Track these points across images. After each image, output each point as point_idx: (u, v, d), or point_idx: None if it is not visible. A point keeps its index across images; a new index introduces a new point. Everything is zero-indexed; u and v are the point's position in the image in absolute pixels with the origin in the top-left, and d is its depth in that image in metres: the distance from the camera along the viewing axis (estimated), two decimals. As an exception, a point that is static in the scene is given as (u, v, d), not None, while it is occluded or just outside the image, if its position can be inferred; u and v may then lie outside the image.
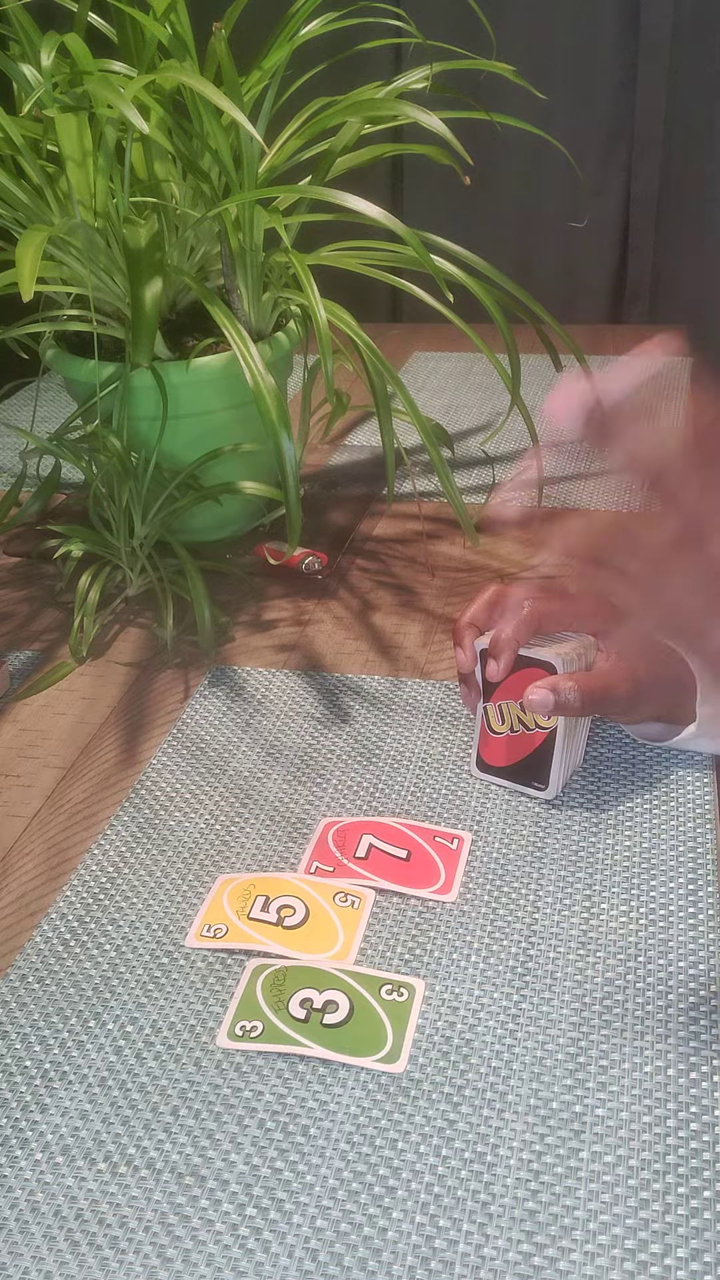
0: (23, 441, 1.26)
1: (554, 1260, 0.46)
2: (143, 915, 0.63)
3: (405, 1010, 0.56)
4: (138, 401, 0.89)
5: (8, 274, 0.77)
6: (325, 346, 0.81)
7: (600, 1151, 0.50)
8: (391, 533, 1.04)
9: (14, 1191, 0.49)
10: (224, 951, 0.61)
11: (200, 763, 0.75)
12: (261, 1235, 0.47)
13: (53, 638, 0.90)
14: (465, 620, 0.71)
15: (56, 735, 0.79)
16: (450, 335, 1.50)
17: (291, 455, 0.80)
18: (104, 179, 0.85)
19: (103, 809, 0.71)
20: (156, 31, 0.83)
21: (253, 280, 0.90)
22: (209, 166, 0.88)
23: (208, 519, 0.97)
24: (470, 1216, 0.48)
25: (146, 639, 0.89)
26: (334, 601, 0.93)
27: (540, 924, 0.61)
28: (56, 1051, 0.56)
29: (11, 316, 0.91)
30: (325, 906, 0.63)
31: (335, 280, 0.90)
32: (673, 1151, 0.49)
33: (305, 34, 0.91)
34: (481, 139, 1.10)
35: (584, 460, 1.16)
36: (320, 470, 1.16)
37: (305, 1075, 0.54)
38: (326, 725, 0.78)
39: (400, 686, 0.82)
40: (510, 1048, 0.55)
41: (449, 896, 0.63)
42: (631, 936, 0.60)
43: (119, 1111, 0.53)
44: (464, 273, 0.90)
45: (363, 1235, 0.47)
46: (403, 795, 0.71)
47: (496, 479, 1.11)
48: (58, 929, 0.62)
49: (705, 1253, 0.46)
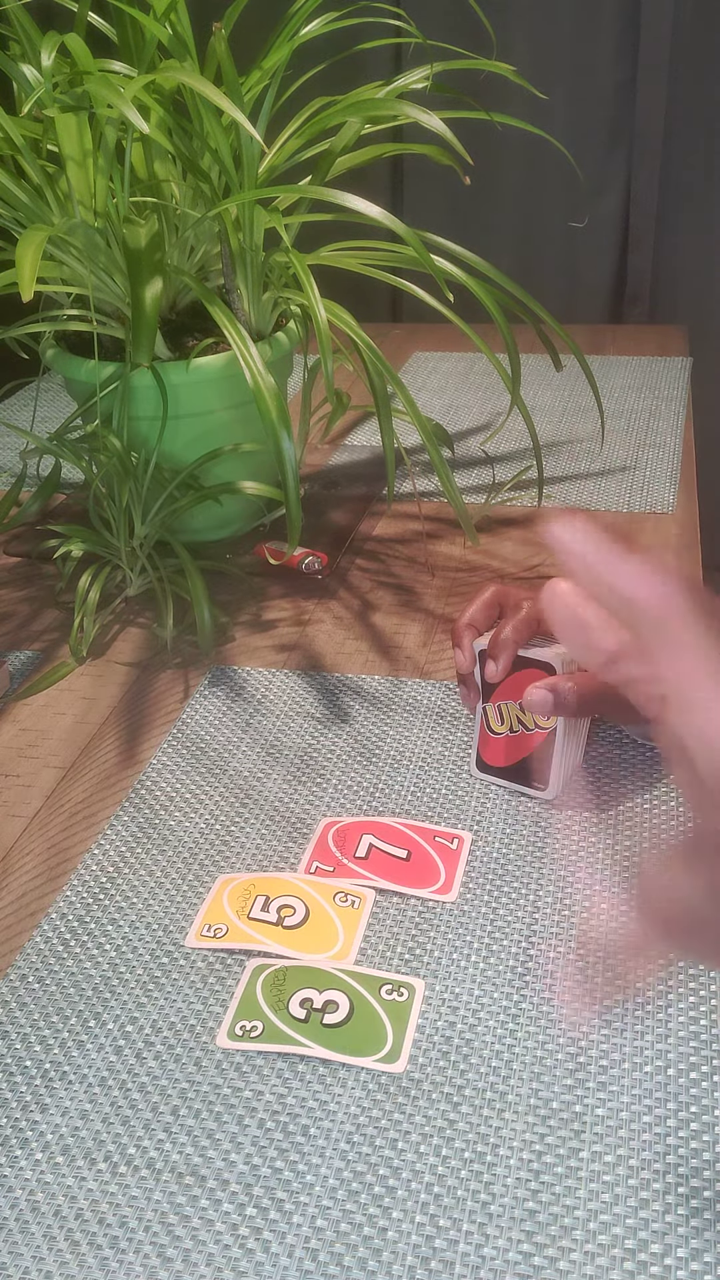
0: (23, 441, 1.26)
1: (554, 1260, 0.46)
2: (143, 915, 0.63)
3: (405, 1010, 0.56)
4: (138, 401, 0.89)
5: (8, 274, 0.77)
6: (325, 346, 0.81)
7: (600, 1151, 0.50)
8: (391, 533, 1.04)
9: (14, 1191, 0.49)
10: (224, 951, 0.61)
11: (200, 763, 0.75)
12: (261, 1235, 0.47)
13: (53, 638, 0.90)
14: (464, 621, 0.71)
15: (56, 735, 0.79)
16: (450, 335, 1.50)
17: (291, 455, 0.80)
18: (104, 179, 0.85)
19: (103, 809, 0.71)
20: (156, 31, 0.83)
21: (253, 280, 0.90)
22: (209, 166, 0.88)
23: (208, 519, 0.97)
24: (470, 1216, 0.48)
25: (146, 639, 0.89)
26: (334, 601, 0.93)
27: (540, 924, 0.61)
28: (56, 1051, 0.56)
29: (11, 316, 0.91)
30: (325, 906, 0.63)
31: (335, 280, 0.90)
32: (673, 1151, 0.49)
33: (305, 34, 0.91)
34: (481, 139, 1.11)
35: (584, 460, 1.16)
36: (320, 470, 1.16)
37: (305, 1075, 0.54)
38: (326, 725, 0.78)
39: (400, 686, 0.82)
40: (510, 1048, 0.55)
41: (449, 896, 0.63)
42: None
43: (119, 1111, 0.53)
44: (464, 273, 0.90)
45: (363, 1235, 0.47)
46: (403, 795, 0.71)
47: (496, 479, 1.11)
48: (58, 929, 0.62)
49: (705, 1253, 0.46)
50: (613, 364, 1.40)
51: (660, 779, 0.71)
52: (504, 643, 0.68)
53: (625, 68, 1.66)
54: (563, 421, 1.25)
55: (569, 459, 1.16)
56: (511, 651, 0.68)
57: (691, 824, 0.62)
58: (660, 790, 0.70)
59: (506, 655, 0.68)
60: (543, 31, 1.65)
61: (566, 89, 1.67)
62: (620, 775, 0.71)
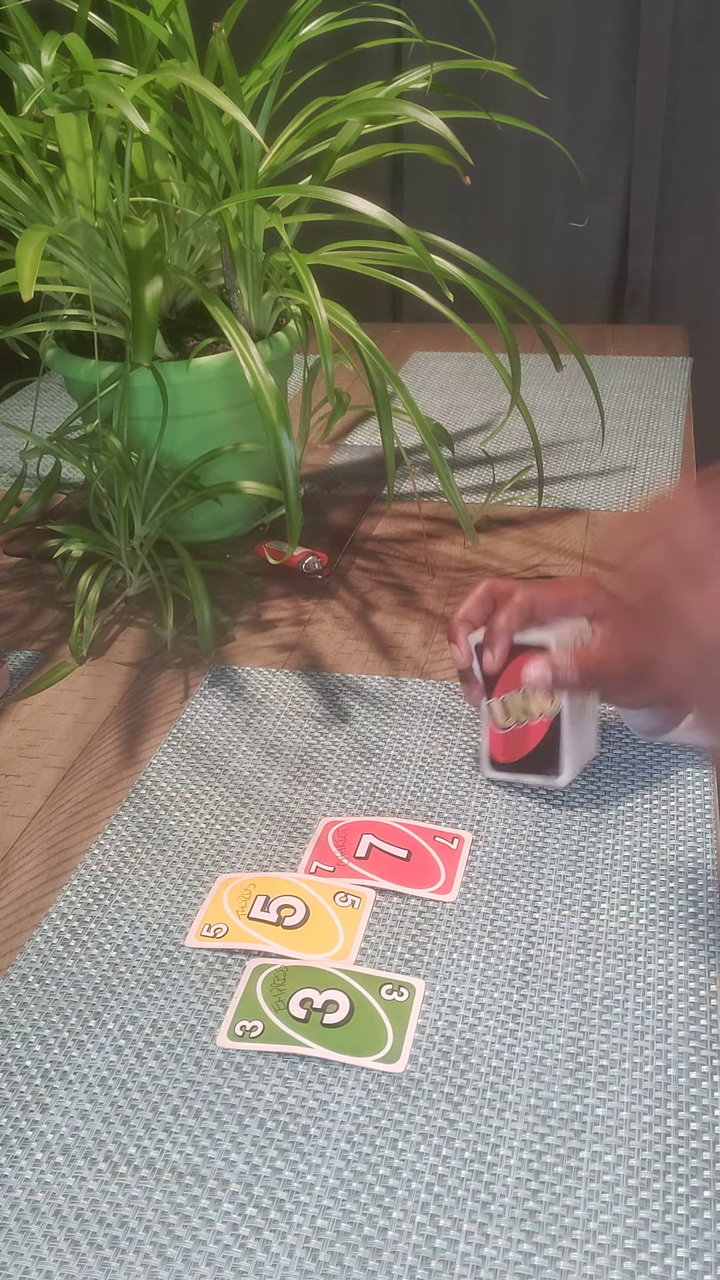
0: (23, 441, 1.26)
1: (554, 1260, 0.46)
2: (143, 915, 0.63)
3: (405, 1010, 0.56)
4: (138, 401, 0.89)
5: (8, 274, 0.77)
6: (325, 346, 0.81)
7: (600, 1151, 0.50)
8: (391, 533, 1.04)
9: (14, 1191, 0.49)
10: (224, 951, 0.61)
11: (200, 763, 0.75)
12: (261, 1235, 0.47)
13: (53, 638, 0.90)
14: (459, 617, 0.71)
15: (56, 735, 0.79)
16: (450, 335, 1.50)
17: (291, 455, 0.80)
18: (104, 179, 0.85)
19: (103, 809, 0.71)
20: (156, 31, 0.83)
21: (253, 280, 0.90)
22: (209, 166, 0.88)
23: (208, 519, 0.97)
24: (470, 1216, 0.48)
25: (146, 639, 0.89)
26: (334, 601, 0.93)
27: (540, 924, 0.61)
28: (56, 1051, 0.56)
29: (11, 316, 0.91)
30: (325, 906, 0.63)
31: (335, 280, 0.90)
32: (673, 1151, 0.50)
33: (305, 34, 0.91)
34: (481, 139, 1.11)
35: (584, 460, 1.16)
36: (320, 470, 1.16)
37: (305, 1075, 0.54)
38: (326, 725, 0.78)
39: (400, 686, 0.82)
40: (510, 1048, 0.55)
41: (449, 896, 0.63)
42: (631, 936, 0.60)
43: (119, 1111, 0.53)
44: (464, 273, 0.90)
45: (363, 1235, 0.47)
46: (403, 795, 0.71)
47: (496, 479, 1.11)
48: (58, 929, 0.62)
49: (705, 1253, 0.46)
50: (613, 364, 1.40)
51: (660, 779, 0.71)
52: (498, 631, 0.68)
53: (625, 68, 1.66)
54: (563, 421, 1.25)
55: (569, 459, 1.16)
56: (506, 639, 0.68)
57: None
58: (660, 790, 0.70)
59: (501, 643, 0.67)
60: (543, 31, 1.65)
61: (566, 89, 1.67)
62: (620, 775, 0.71)
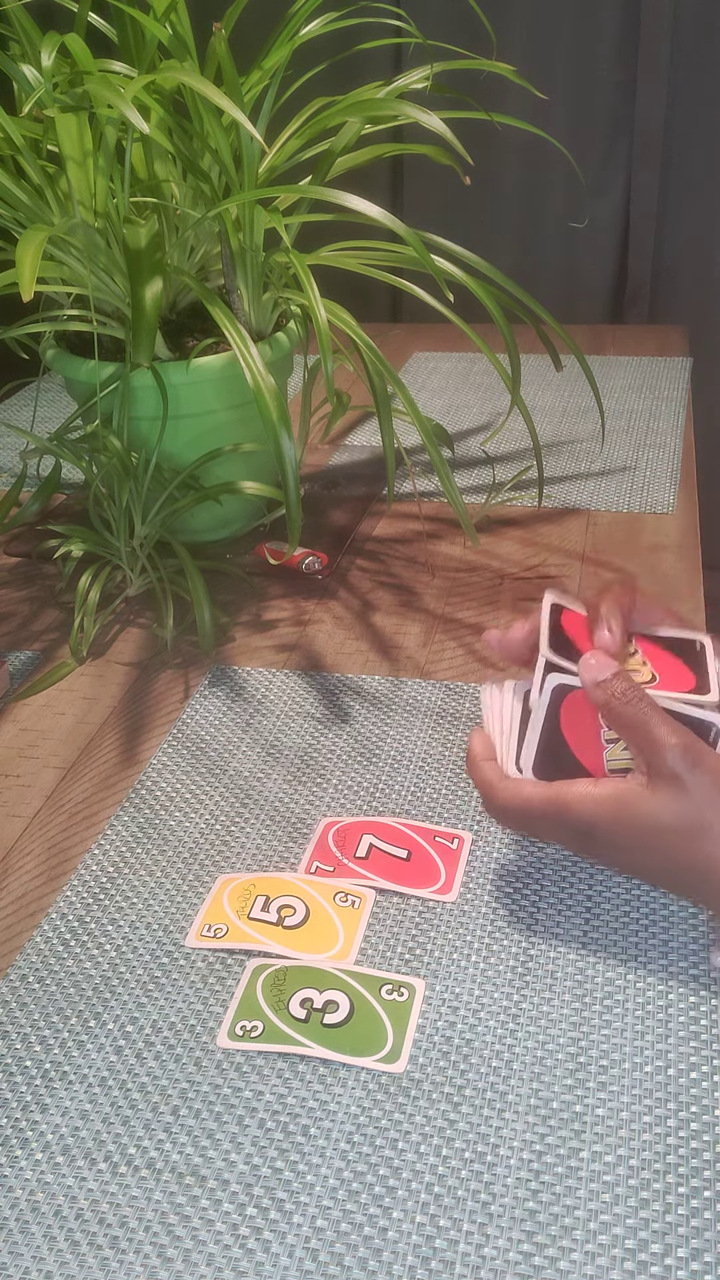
0: (23, 441, 1.26)
1: (554, 1260, 0.46)
2: (143, 915, 0.63)
3: (405, 1010, 0.56)
4: (138, 401, 0.89)
5: (8, 274, 0.77)
6: (325, 346, 0.81)
7: (600, 1151, 0.50)
8: (391, 533, 1.04)
9: (14, 1191, 0.49)
10: (224, 951, 0.61)
11: (200, 763, 0.75)
12: (261, 1235, 0.47)
13: (53, 638, 0.90)
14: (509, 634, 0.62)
15: (56, 735, 0.79)
16: (450, 335, 1.50)
17: (291, 455, 0.80)
18: (104, 179, 0.85)
19: (103, 809, 0.71)
20: (156, 31, 0.83)
21: (253, 280, 0.90)
22: (209, 166, 0.88)
23: (208, 519, 0.97)
24: (470, 1216, 0.48)
25: (146, 639, 0.89)
26: (334, 601, 0.93)
27: (540, 924, 0.61)
28: (56, 1051, 0.56)
29: (11, 316, 0.91)
30: (325, 906, 0.63)
31: (335, 280, 0.90)
32: (673, 1151, 0.50)
33: (305, 34, 0.91)
34: (481, 139, 1.10)
35: (584, 460, 1.16)
36: (320, 470, 1.16)
37: (305, 1075, 0.54)
38: (326, 725, 0.78)
39: (400, 686, 0.82)
40: (510, 1048, 0.55)
41: (449, 896, 0.63)
42: (632, 937, 0.60)
43: (119, 1111, 0.53)
44: (464, 273, 0.90)
45: (363, 1235, 0.47)
46: (403, 795, 0.71)
47: (496, 479, 1.11)
48: (58, 929, 0.62)
49: (705, 1253, 0.46)
50: (613, 364, 1.40)
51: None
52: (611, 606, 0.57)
53: (625, 68, 1.66)
54: (563, 421, 1.25)
55: (569, 459, 1.16)
56: (623, 619, 0.58)
57: None
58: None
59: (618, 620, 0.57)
60: (543, 31, 1.65)
61: (566, 89, 1.67)
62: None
